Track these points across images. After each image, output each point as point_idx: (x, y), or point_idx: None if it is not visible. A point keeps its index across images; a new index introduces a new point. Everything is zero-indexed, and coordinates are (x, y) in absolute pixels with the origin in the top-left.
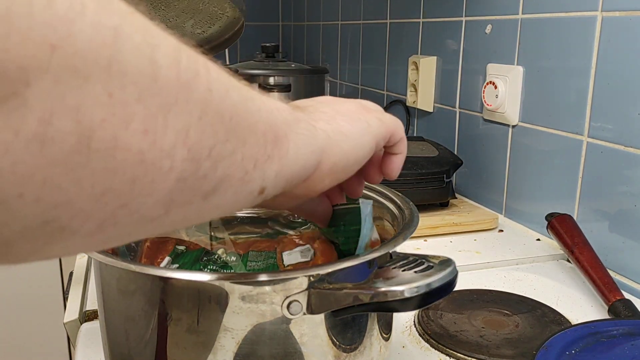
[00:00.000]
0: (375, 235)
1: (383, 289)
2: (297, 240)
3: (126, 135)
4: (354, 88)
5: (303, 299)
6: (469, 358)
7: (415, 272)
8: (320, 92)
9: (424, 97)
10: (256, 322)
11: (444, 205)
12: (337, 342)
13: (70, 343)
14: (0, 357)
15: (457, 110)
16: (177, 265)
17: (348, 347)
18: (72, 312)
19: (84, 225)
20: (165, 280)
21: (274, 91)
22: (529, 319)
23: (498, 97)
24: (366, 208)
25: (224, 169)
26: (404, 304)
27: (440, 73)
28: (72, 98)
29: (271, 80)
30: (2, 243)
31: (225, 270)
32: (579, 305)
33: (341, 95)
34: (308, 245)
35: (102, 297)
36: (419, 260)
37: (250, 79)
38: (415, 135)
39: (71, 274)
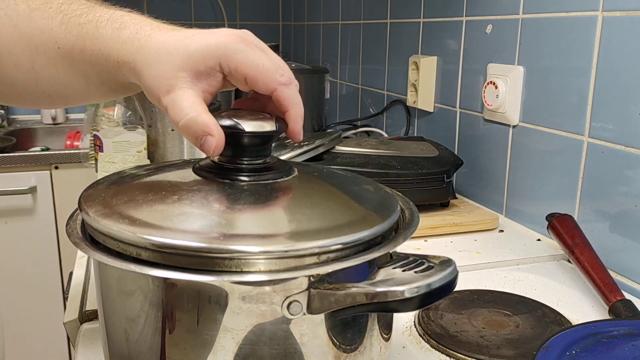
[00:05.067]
0: None
1: (383, 289)
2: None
3: None
4: (354, 88)
5: (303, 299)
6: (469, 358)
7: (416, 272)
8: (321, 92)
9: (424, 97)
10: (256, 322)
11: (444, 205)
12: (337, 343)
13: (70, 343)
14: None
15: (458, 110)
16: None
17: (348, 347)
18: (72, 312)
19: None
20: (165, 280)
21: None
22: (530, 319)
23: (498, 97)
24: None
25: None
26: (404, 304)
27: (440, 73)
28: None
29: None
30: None
31: None
32: (579, 305)
33: (341, 96)
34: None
35: (102, 297)
36: (419, 261)
37: None
38: (415, 135)
39: (71, 274)
